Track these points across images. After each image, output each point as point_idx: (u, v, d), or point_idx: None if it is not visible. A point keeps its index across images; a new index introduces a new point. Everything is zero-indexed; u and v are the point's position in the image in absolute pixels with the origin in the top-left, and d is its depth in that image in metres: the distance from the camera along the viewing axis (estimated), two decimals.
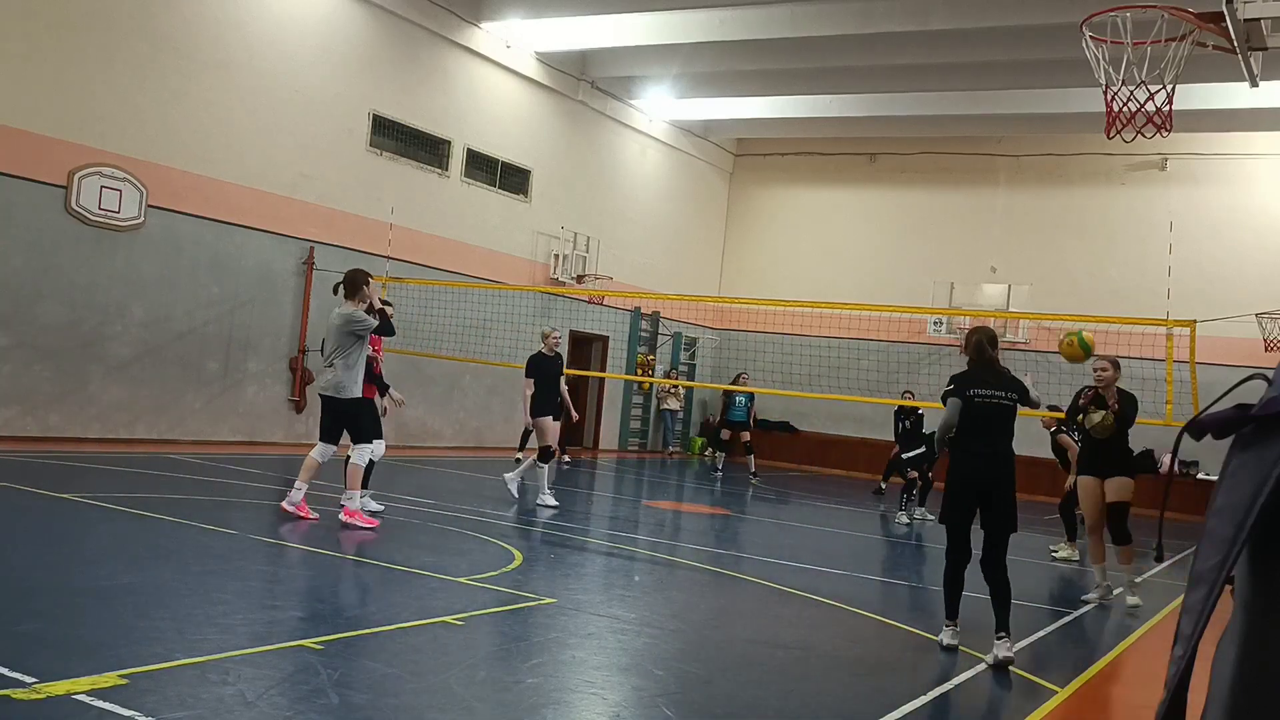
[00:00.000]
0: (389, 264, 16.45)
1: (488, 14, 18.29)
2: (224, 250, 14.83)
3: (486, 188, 19.29)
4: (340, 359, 8.65)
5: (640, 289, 22.06)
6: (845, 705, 5.19)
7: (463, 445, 19.02)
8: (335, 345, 8.67)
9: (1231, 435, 0.91)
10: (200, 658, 4.51)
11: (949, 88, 19.80)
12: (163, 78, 13.90)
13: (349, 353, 8.67)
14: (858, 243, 24.51)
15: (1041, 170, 22.99)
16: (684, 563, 8.87)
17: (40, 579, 5.85)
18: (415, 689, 4.45)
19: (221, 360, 14.93)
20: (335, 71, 16.28)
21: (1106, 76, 10.46)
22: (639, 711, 4.56)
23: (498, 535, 9.13)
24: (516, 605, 6.28)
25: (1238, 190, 21.04)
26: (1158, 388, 13.10)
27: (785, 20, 17.07)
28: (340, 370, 8.64)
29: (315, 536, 8.23)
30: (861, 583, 9.03)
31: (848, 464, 23.13)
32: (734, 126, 24.64)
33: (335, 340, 8.68)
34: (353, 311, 8.75)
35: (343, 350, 8.66)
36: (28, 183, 12.58)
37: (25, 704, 3.70)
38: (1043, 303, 21.01)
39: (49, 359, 12.92)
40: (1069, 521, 11.49)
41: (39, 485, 9.10)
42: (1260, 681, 0.85)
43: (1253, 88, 12.89)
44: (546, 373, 11.60)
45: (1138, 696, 5.77)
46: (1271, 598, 0.85)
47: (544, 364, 11.62)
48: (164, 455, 12.76)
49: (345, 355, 8.66)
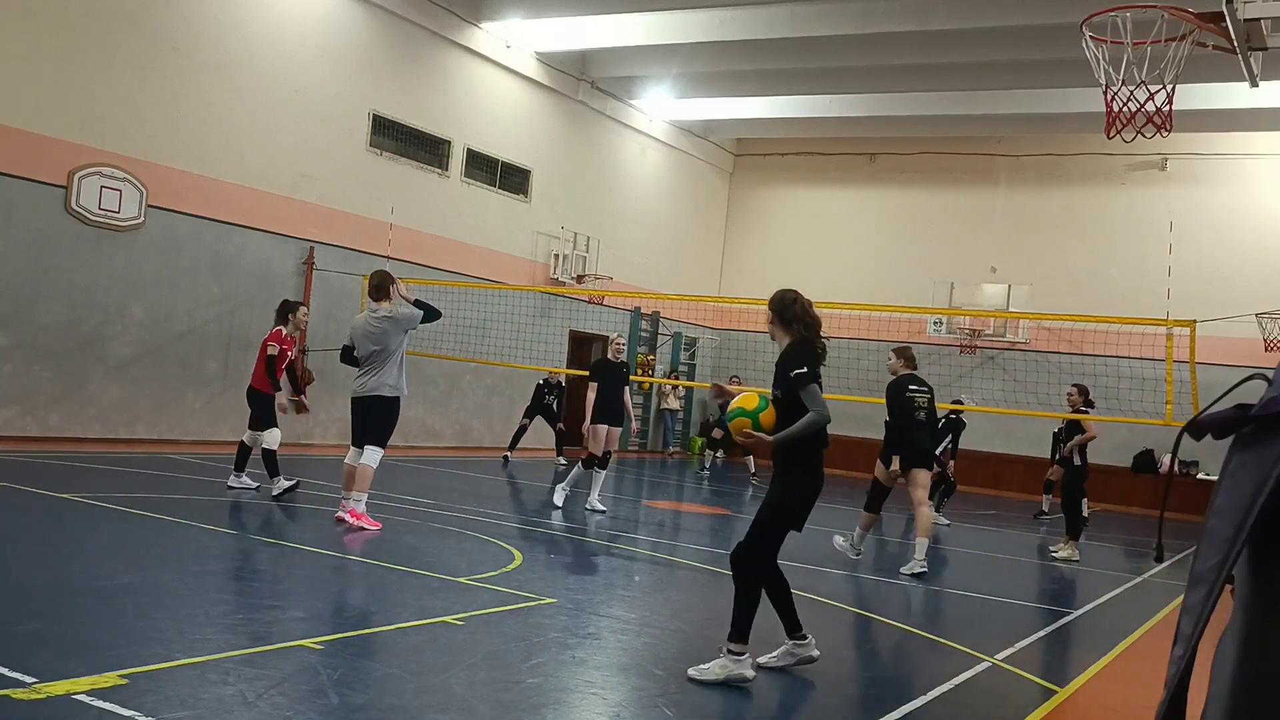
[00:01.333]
0: (389, 264, 16.43)
1: (488, 14, 18.29)
2: (224, 250, 14.83)
3: (486, 188, 19.29)
4: (382, 359, 8.65)
5: (640, 289, 22.06)
6: (845, 705, 5.19)
7: (462, 445, 19.02)
8: (378, 347, 8.66)
9: (1231, 435, 0.90)
10: (200, 658, 4.51)
11: (949, 88, 19.80)
12: (163, 78, 13.90)
13: (393, 352, 8.70)
14: (858, 243, 24.51)
15: (1041, 170, 22.99)
16: (684, 563, 8.87)
17: (40, 579, 5.85)
18: (415, 689, 4.45)
19: (221, 360, 14.92)
20: (335, 71, 16.28)
21: (1106, 76, 10.46)
22: (639, 711, 4.56)
23: (498, 535, 9.13)
24: (516, 605, 6.28)
25: (1238, 190, 21.04)
26: (1158, 388, 13.11)
27: (785, 20, 17.07)
28: (385, 370, 8.64)
29: (315, 536, 8.24)
30: (862, 583, 9.03)
31: (847, 464, 23.09)
32: (734, 126, 24.64)
33: (378, 342, 8.66)
34: (393, 310, 8.78)
35: (385, 350, 8.66)
36: (28, 183, 12.58)
37: (25, 704, 3.70)
38: (1043, 303, 21.01)
39: (49, 359, 12.91)
40: (1072, 519, 11.47)
41: (39, 485, 9.10)
42: (1260, 682, 0.85)
43: (1253, 88, 12.90)
44: (610, 378, 11.42)
45: (1138, 696, 5.77)
46: (1271, 598, 0.85)
47: (608, 369, 11.47)
48: (164, 455, 12.76)
49: (389, 355, 8.67)
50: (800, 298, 5.52)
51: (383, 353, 8.66)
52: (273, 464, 9.84)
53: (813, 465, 5.29)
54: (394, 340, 8.70)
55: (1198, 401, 11.61)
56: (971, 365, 22.53)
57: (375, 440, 8.70)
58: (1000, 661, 6.15)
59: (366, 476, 8.68)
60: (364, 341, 8.72)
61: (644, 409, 23.92)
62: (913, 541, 9.59)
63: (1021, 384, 19.76)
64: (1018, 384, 19.96)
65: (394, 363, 8.71)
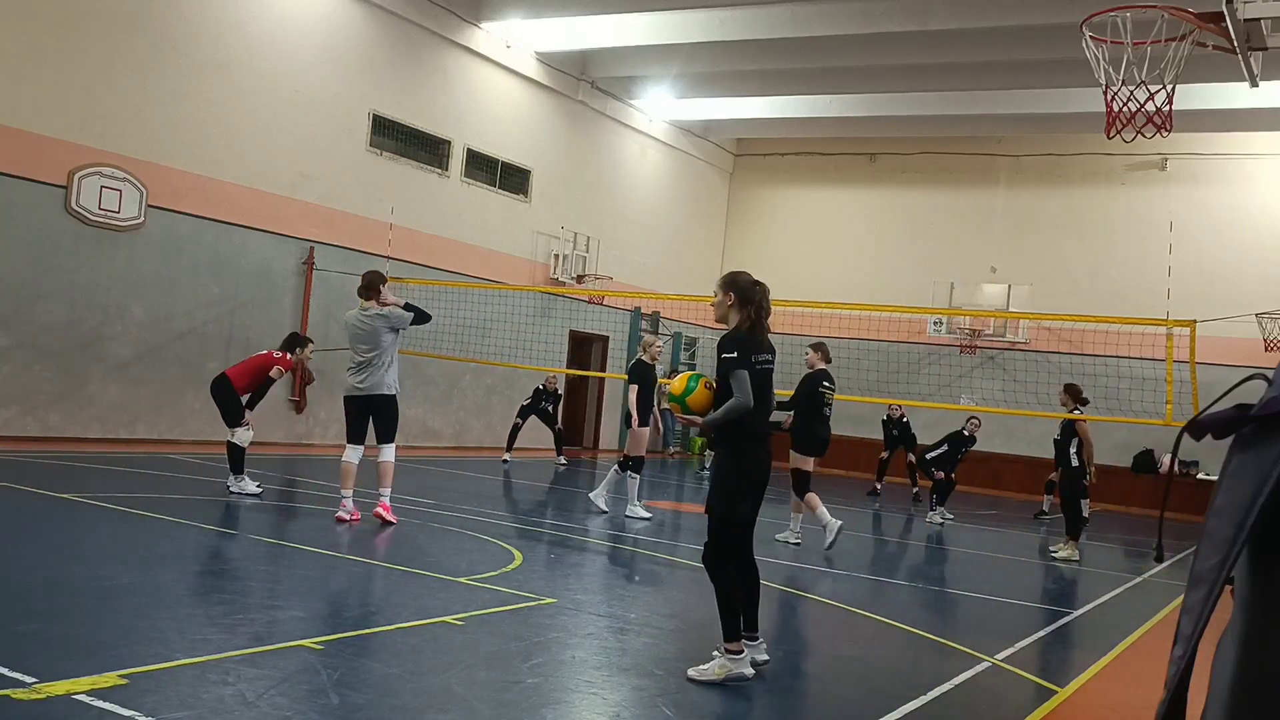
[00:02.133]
0: (389, 264, 16.44)
1: (488, 14, 18.29)
2: (224, 250, 14.84)
3: (486, 188, 19.29)
4: (376, 357, 8.78)
5: (640, 289, 22.06)
6: (845, 705, 5.19)
7: (462, 445, 19.02)
8: (370, 345, 8.77)
9: (1231, 435, 0.90)
10: (200, 658, 4.51)
11: (949, 88, 19.80)
12: (163, 78, 13.90)
13: (385, 350, 8.82)
14: (858, 242, 24.52)
15: (1041, 170, 22.99)
16: (684, 563, 8.87)
17: (40, 579, 5.85)
18: (415, 689, 4.45)
19: (221, 360, 14.89)
20: (335, 71, 16.28)
21: (1106, 76, 10.46)
22: (639, 711, 4.56)
23: (498, 535, 9.13)
24: (516, 605, 6.28)
25: (1238, 190, 21.04)
26: (1158, 388, 13.11)
27: (785, 20, 17.07)
28: (381, 368, 8.78)
29: (315, 536, 8.24)
30: (862, 583, 9.03)
31: (847, 464, 23.11)
32: (734, 126, 24.63)
33: (368, 340, 8.78)
34: (387, 310, 8.87)
35: (378, 348, 8.78)
36: (28, 183, 12.58)
37: (25, 704, 3.70)
38: (1043, 303, 21.02)
39: (49, 359, 12.92)
40: (1072, 519, 11.47)
41: (39, 485, 9.10)
42: (1260, 682, 0.85)
43: (1253, 88, 12.90)
44: (648, 381, 11.45)
45: (1138, 696, 5.77)
46: (1271, 598, 0.85)
47: (646, 371, 11.47)
48: (164, 455, 12.76)
49: (381, 353, 8.80)
50: (761, 285, 5.50)
51: (377, 350, 8.77)
52: (239, 462, 9.83)
53: (742, 450, 5.21)
54: (385, 338, 8.81)
55: (1198, 401, 11.62)
56: (971, 365, 22.54)
57: (387, 438, 8.98)
58: (1000, 661, 6.15)
59: (388, 472, 8.96)
60: (356, 340, 8.85)
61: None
62: (821, 525, 9.96)
63: (1021, 384, 19.76)
64: (1018, 384, 19.96)
65: (390, 361, 8.86)
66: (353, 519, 8.82)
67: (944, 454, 14.34)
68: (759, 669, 5.28)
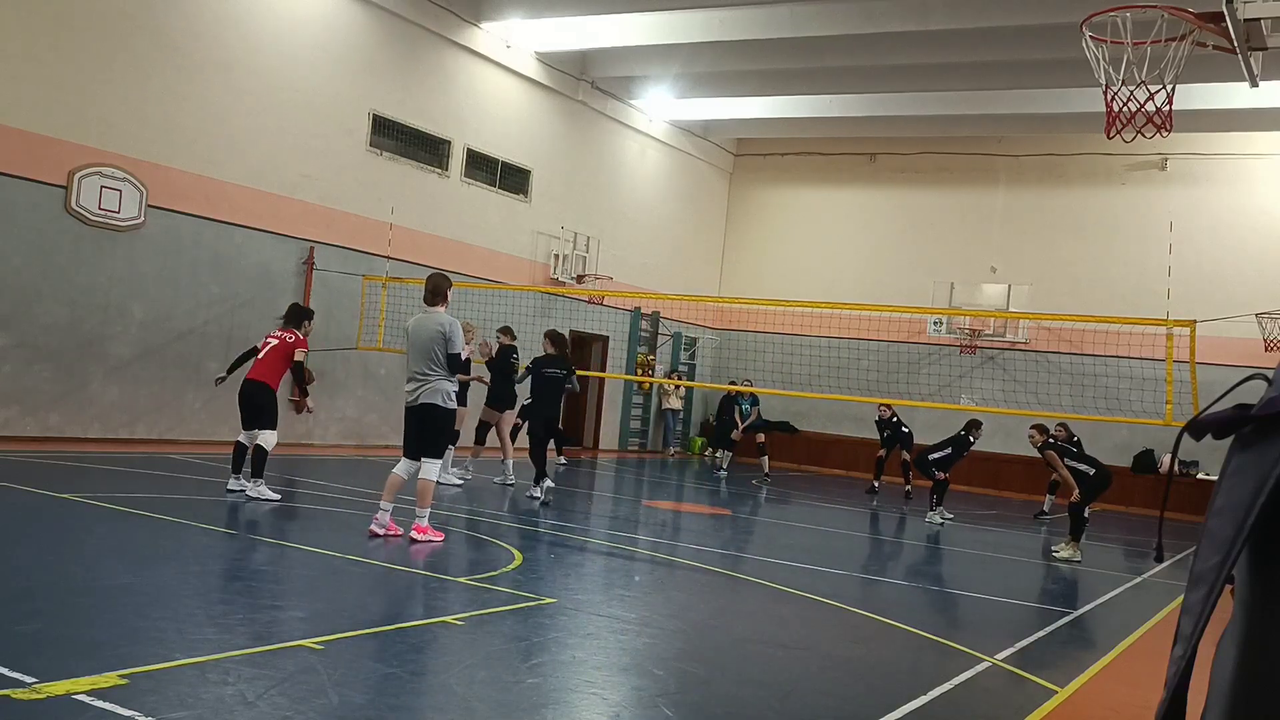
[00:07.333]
0: (389, 264, 16.45)
1: (488, 14, 18.29)
2: (224, 250, 14.83)
3: (486, 188, 19.29)
4: (437, 367, 8.24)
5: (640, 289, 22.07)
6: (845, 705, 5.19)
7: (461, 445, 18.98)
8: (427, 354, 8.24)
9: (1231, 435, 0.90)
10: (200, 658, 4.51)
11: (949, 88, 19.80)
12: (163, 78, 13.90)
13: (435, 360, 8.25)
14: (858, 243, 24.52)
15: (1041, 170, 22.99)
16: (684, 563, 8.87)
17: (40, 579, 5.85)
18: (415, 689, 4.45)
19: (221, 360, 14.87)
20: (335, 71, 16.28)
21: (1106, 76, 10.47)
22: (639, 711, 4.56)
23: (498, 535, 9.13)
24: (516, 605, 6.28)
25: (1238, 190, 21.04)
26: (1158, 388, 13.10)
27: (785, 20, 17.07)
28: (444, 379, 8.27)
29: (315, 536, 8.23)
30: (861, 583, 9.03)
31: (847, 464, 23.13)
32: (734, 126, 24.63)
33: (426, 348, 8.23)
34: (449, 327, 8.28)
35: (435, 358, 8.24)
36: (28, 183, 12.58)
37: (25, 704, 3.70)
38: (1043, 303, 21.02)
39: (49, 359, 12.91)
40: (1076, 520, 11.48)
41: (39, 485, 9.10)
42: (1260, 682, 0.85)
43: (1253, 88, 12.90)
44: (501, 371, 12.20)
45: (1138, 696, 5.77)
46: (1271, 598, 0.85)
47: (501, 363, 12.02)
48: (164, 455, 12.76)
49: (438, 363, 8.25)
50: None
51: (433, 360, 8.23)
52: (262, 467, 9.73)
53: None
54: (441, 348, 8.23)
55: (1198, 401, 11.62)
56: (971, 365, 22.54)
57: (430, 452, 8.28)
58: (1000, 661, 6.15)
59: (427, 491, 8.27)
60: (421, 345, 8.25)
61: (644, 409, 23.93)
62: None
63: (1021, 384, 19.77)
64: (1018, 384, 19.97)
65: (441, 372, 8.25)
66: (388, 533, 8.25)
67: (947, 456, 14.33)
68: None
